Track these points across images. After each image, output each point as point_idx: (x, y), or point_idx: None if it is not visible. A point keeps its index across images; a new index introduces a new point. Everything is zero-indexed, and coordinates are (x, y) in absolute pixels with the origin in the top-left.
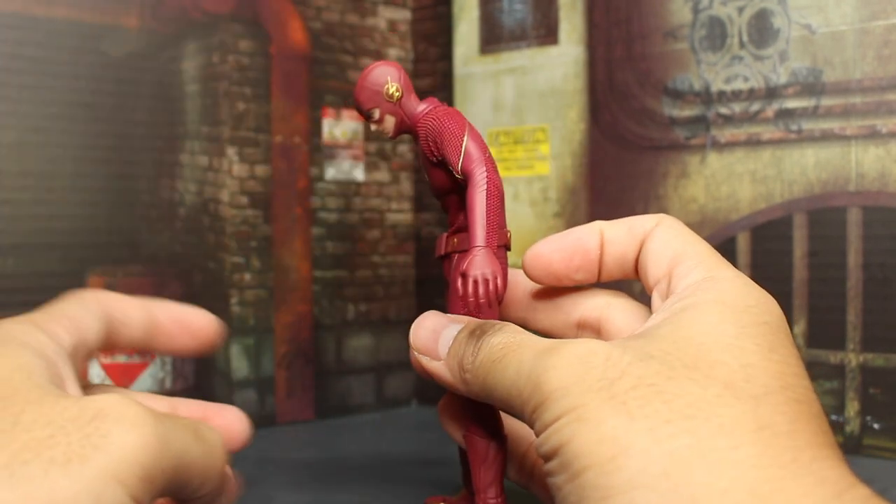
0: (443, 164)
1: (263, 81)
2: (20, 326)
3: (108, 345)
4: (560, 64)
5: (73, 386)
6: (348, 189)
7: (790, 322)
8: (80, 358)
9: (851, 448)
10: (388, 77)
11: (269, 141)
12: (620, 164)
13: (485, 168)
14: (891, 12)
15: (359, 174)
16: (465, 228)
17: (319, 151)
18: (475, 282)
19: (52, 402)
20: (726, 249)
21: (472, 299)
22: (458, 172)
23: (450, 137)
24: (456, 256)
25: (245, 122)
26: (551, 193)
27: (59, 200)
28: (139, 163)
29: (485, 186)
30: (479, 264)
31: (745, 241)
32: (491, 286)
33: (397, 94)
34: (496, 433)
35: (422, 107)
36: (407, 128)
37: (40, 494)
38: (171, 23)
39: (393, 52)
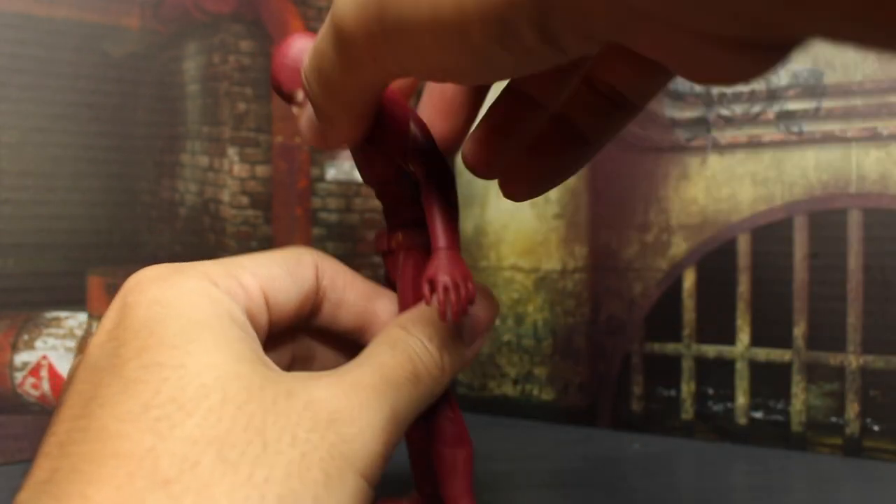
0: (383, 152)
1: (264, 82)
2: (201, 288)
3: (312, 323)
4: None
5: (264, 359)
6: (349, 189)
7: (791, 323)
8: (261, 327)
9: (852, 450)
10: None
11: (270, 141)
12: (621, 165)
13: (441, 158)
14: None
15: (360, 175)
16: (411, 224)
17: (320, 152)
18: (445, 288)
19: (284, 407)
20: (727, 251)
21: (442, 308)
22: (407, 163)
23: (391, 122)
24: (402, 254)
25: (246, 122)
26: (552, 194)
27: (59, 200)
28: (140, 163)
29: (444, 180)
30: (447, 268)
31: (745, 243)
32: (462, 291)
33: None
34: (461, 441)
35: None
36: None
37: None
38: (173, 23)
39: None
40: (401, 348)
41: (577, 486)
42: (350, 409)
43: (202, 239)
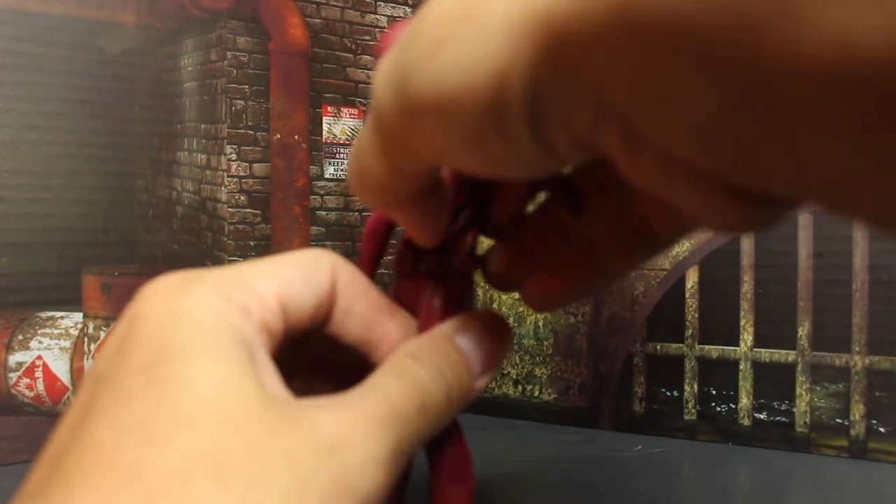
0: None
1: (262, 79)
2: (212, 302)
3: (324, 330)
4: None
5: (272, 379)
6: (348, 188)
7: (795, 323)
8: (276, 334)
9: (857, 452)
10: None
11: (268, 139)
12: None
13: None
14: None
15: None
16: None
17: (319, 150)
18: None
19: (286, 430)
20: (729, 251)
21: None
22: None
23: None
24: (433, 282)
25: (243, 119)
26: None
27: (55, 199)
28: (136, 161)
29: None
30: None
31: (748, 243)
32: None
33: None
34: (464, 477)
35: None
36: None
37: None
38: (169, 19)
39: None
40: (409, 379)
41: (579, 488)
42: (354, 438)
43: (200, 238)
